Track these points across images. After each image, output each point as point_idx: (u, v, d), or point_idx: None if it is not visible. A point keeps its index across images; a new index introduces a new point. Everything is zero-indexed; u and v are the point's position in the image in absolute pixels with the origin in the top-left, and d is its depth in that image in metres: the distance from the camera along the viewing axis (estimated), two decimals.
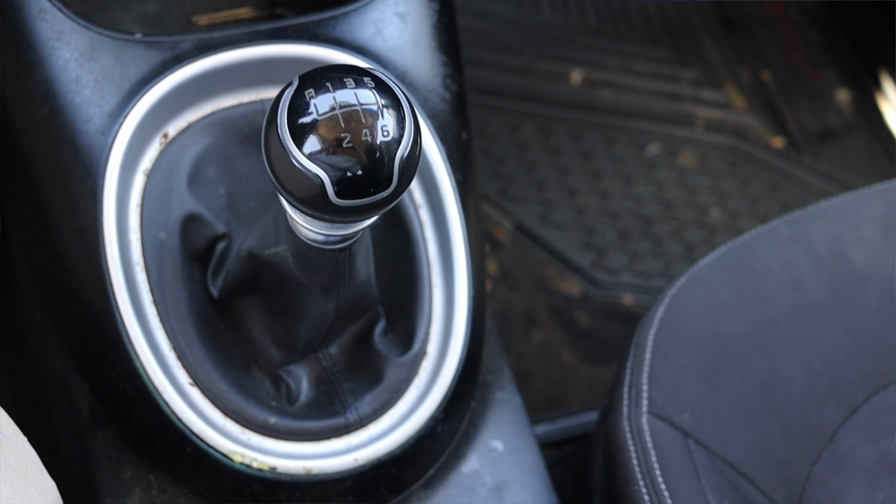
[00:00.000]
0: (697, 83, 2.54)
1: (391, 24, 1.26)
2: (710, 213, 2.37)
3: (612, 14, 2.59)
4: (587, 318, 2.23)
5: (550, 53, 2.51)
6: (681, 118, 2.48)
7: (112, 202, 1.15)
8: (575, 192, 2.34)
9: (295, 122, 0.87)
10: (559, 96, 2.46)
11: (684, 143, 2.45)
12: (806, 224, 1.45)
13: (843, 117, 2.56)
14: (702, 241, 2.33)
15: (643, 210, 2.35)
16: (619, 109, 2.47)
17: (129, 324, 1.14)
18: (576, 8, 2.57)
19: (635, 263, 2.29)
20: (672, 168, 2.42)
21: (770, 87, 2.57)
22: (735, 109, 2.52)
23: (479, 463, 1.29)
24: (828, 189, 2.42)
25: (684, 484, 1.23)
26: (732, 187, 2.41)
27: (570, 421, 1.98)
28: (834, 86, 2.59)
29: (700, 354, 1.33)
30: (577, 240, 2.29)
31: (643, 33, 2.58)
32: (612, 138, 2.43)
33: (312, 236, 1.00)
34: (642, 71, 2.53)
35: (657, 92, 2.51)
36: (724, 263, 1.40)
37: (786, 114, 2.53)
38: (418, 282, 1.24)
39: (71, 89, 1.16)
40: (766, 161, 2.46)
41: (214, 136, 1.21)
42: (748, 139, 2.48)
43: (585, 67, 2.50)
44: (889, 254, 1.43)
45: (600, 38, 2.55)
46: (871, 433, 1.34)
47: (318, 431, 1.18)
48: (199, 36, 1.20)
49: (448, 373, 1.22)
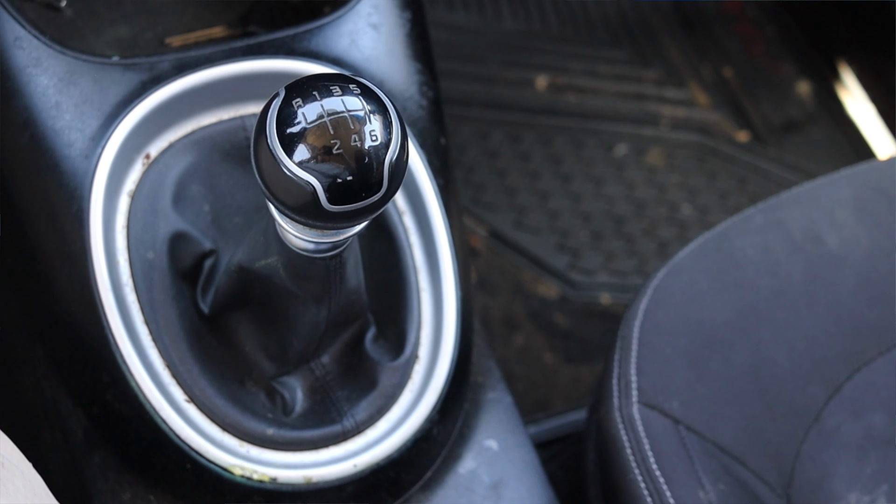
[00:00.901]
0: (660, 83, 2.57)
1: (366, 35, 1.28)
2: (680, 210, 2.40)
3: (574, 19, 2.62)
4: (566, 319, 2.25)
5: (515, 61, 2.54)
6: (646, 118, 2.51)
7: (99, 225, 1.15)
8: (547, 196, 2.37)
9: (284, 132, 0.88)
10: (526, 103, 2.49)
11: (651, 142, 2.48)
12: (780, 210, 1.47)
13: (805, 108, 2.60)
14: (674, 237, 2.36)
15: (615, 210, 2.38)
16: (586, 112, 2.50)
17: (121, 344, 1.15)
18: (537, 15, 2.60)
19: (610, 263, 2.31)
20: (641, 167, 2.45)
21: (732, 82, 2.60)
22: (699, 106, 2.55)
23: (475, 463, 1.31)
24: (794, 179, 2.46)
25: (679, 470, 1.25)
26: (701, 183, 2.45)
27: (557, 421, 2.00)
28: (794, 78, 2.64)
29: (685, 343, 1.35)
30: (552, 243, 2.32)
31: (605, 36, 2.61)
32: (580, 141, 2.46)
33: (303, 245, 1.02)
34: (606, 73, 2.56)
35: (622, 93, 2.54)
36: (702, 253, 1.43)
37: (749, 108, 2.57)
38: (406, 287, 1.26)
39: (51, 115, 1.17)
40: (732, 155, 2.50)
41: (196, 155, 1.23)
42: (713, 135, 2.51)
43: (550, 73, 2.53)
44: (862, 235, 1.46)
45: (563, 44, 2.58)
46: (856, 409, 1.37)
47: (316, 440, 1.19)
48: (177, 56, 1.21)
49: (440, 375, 1.24)
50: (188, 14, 1.39)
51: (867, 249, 1.45)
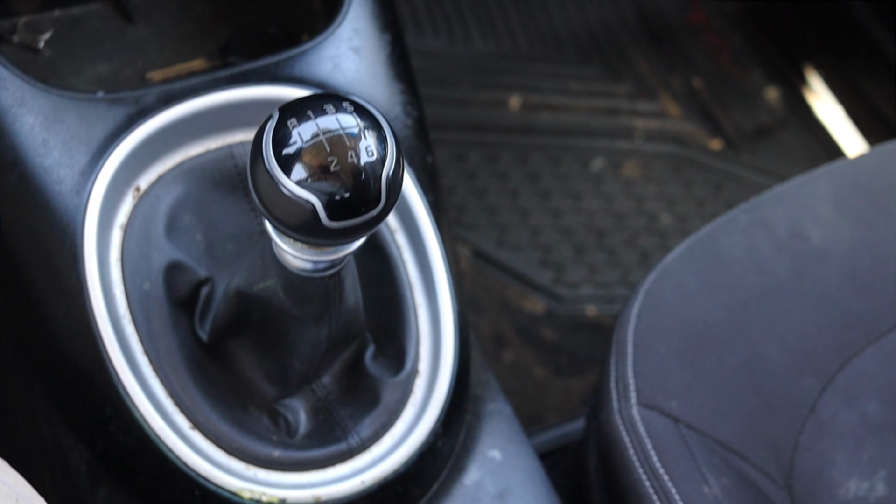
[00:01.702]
0: (632, 96, 2.60)
1: (348, 59, 1.30)
2: (659, 220, 2.43)
3: (542, 38, 2.65)
4: (554, 333, 2.26)
5: (487, 82, 2.56)
6: (620, 131, 2.54)
7: (93, 259, 1.16)
8: (527, 213, 2.39)
9: (281, 152, 0.90)
10: (500, 123, 2.51)
11: (626, 154, 2.51)
12: (763, 210, 1.50)
13: (775, 114, 2.64)
14: (655, 246, 2.38)
15: (595, 223, 2.40)
16: (560, 129, 2.53)
17: (123, 376, 1.15)
18: (507, 36, 2.63)
19: (594, 275, 2.33)
20: (618, 180, 2.48)
21: (702, 92, 2.64)
22: (671, 117, 2.58)
23: (479, 473, 1.32)
24: (768, 183, 2.49)
25: (682, 467, 1.27)
26: (678, 192, 2.47)
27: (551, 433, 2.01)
28: (762, 85, 2.67)
29: (679, 343, 1.37)
30: (535, 259, 2.33)
31: (574, 54, 2.65)
32: (556, 158, 2.48)
33: (301, 265, 1.03)
34: (578, 90, 2.59)
35: (594, 108, 2.57)
36: (690, 255, 1.45)
37: (720, 116, 2.60)
38: (402, 303, 1.27)
39: (39, 153, 1.18)
40: (707, 163, 2.53)
41: (186, 185, 1.24)
42: (687, 144, 2.54)
43: (522, 92, 2.56)
44: (844, 229, 1.49)
45: (533, 63, 2.61)
46: (850, 399, 1.39)
47: (322, 459, 1.20)
48: (162, 88, 1.23)
49: (442, 388, 1.25)
50: (167, 48, 1.41)
51: (850, 243, 1.48)
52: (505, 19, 2.66)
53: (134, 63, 1.39)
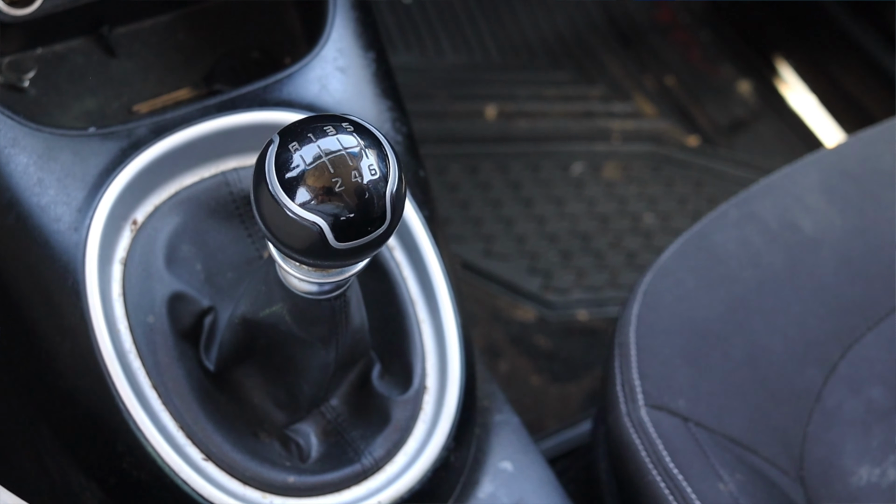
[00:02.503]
0: (606, 98, 2.61)
1: (334, 79, 1.30)
2: (643, 220, 2.44)
3: (514, 47, 2.66)
4: (547, 340, 2.27)
5: (462, 94, 2.57)
6: (597, 134, 2.55)
7: (96, 295, 1.16)
8: (511, 222, 2.39)
9: (284, 176, 0.89)
10: (478, 133, 2.52)
11: (605, 157, 2.52)
12: (752, 203, 1.51)
13: (748, 107, 2.65)
14: (641, 247, 2.39)
15: (580, 227, 2.41)
16: (538, 136, 2.54)
17: (133, 411, 1.15)
18: (478, 47, 2.64)
19: (582, 279, 2.34)
20: (599, 183, 2.49)
21: (675, 90, 2.65)
22: (647, 117, 2.60)
23: (492, 486, 1.32)
24: (748, 176, 2.51)
25: (695, 465, 1.27)
26: (659, 191, 2.48)
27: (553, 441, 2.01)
28: (734, 79, 2.69)
29: (682, 342, 1.37)
30: (523, 267, 2.34)
31: (546, 60, 2.65)
32: (536, 164, 2.49)
33: (307, 288, 1.03)
34: (552, 96, 2.60)
35: (570, 113, 2.58)
36: (684, 253, 1.45)
37: (695, 113, 2.62)
38: (406, 320, 1.27)
39: (35, 192, 1.17)
40: (686, 160, 2.54)
41: (183, 215, 1.23)
42: (664, 142, 2.56)
43: (498, 102, 2.56)
44: (834, 217, 1.50)
45: (507, 72, 2.62)
46: (854, 386, 1.40)
47: (337, 482, 1.20)
48: (153, 120, 1.22)
49: (451, 402, 1.25)
50: (152, 80, 1.40)
51: (842, 230, 1.49)
52: (475, 30, 2.67)
53: (120, 96, 1.38)
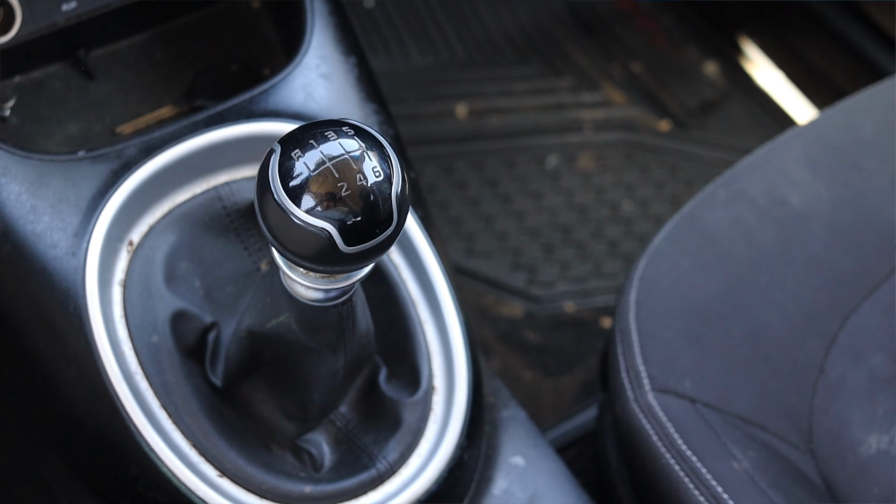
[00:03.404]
0: (575, 89, 2.62)
1: (319, 86, 1.29)
2: (621, 207, 2.44)
3: (479, 44, 2.66)
4: (536, 335, 2.27)
5: (432, 95, 2.57)
6: (569, 125, 2.56)
7: (99, 319, 1.14)
8: (491, 219, 2.39)
9: (289, 184, 0.89)
10: (451, 133, 2.52)
11: (579, 147, 2.53)
12: (739, 181, 1.52)
13: (716, 88, 2.67)
14: (622, 234, 2.40)
15: (560, 220, 2.41)
16: (510, 131, 2.54)
17: (145, 433, 1.14)
18: (444, 47, 2.64)
19: (566, 271, 2.34)
20: (575, 174, 2.49)
21: (642, 76, 2.67)
22: (616, 105, 2.61)
23: (506, 481, 1.31)
24: (722, 157, 2.52)
25: (708, 446, 1.27)
26: (635, 178, 2.49)
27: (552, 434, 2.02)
28: (700, 61, 2.71)
29: (682, 324, 1.38)
30: (507, 263, 2.34)
31: (512, 55, 2.66)
32: (511, 160, 2.49)
33: (314, 295, 1.02)
34: (521, 90, 2.61)
35: (541, 106, 2.59)
36: (677, 236, 1.46)
37: (664, 97, 2.63)
38: (409, 322, 1.27)
39: (29, 220, 1.16)
40: (659, 145, 2.55)
41: (178, 233, 1.22)
42: (636, 129, 2.57)
43: (468, 100, 2.56)
44: (821, 189, 1.51)
45: (474, 70, 2.62)
46: (855, 356, 1.41)
47: (354, 489, 1.19)
48: (142, 139, 1.21)
49: (461, 401, 1.25)
50: (133, 100, 1.39)
51: (829, 202, 1.50)
52: (440, 31, 2.67)
53: (102, 119, 1.37)
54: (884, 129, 1.58)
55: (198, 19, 1.45)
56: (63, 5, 1.30)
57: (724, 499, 1.23)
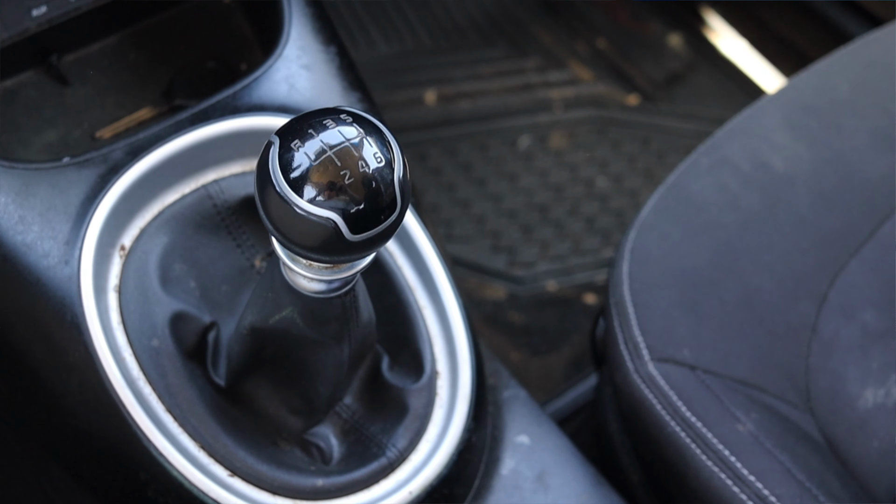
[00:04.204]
0: (542, 68, 2.62)
1: (301, 78, 1.28)
2: (596, 184, 2.45)
3: (444, 30, 2.66)
4: (521, 316, 2.27)
5: (399, 83, 2.56)
6: (539, 105, 2.56)
7: (98, 327, 1.13)
8: (468, 203, 2.39)
9: (291, 176, 0.88)
10: (421, 120, 2.51)
11: (550, 126, 2.53)
12: (721, 148, 1.52)
13: (682, 59, 2.68)
14: (598, 211, 2.41)
15: (536, 200, 2.42)
16: (481, 115, 2.54)
17: (152, 438, 1.13)
18: (408, 34, 2.63)
19: (546, 251, 2.35)
20: (547, 153, 2.50)
21: (608, 52, 2.67)
22: (584, 82, 2.61)
23: (513, 461, 1.32)
24: (692, 127, 2.54)
25: (712, 411, 1.28)
26: (607, 153, 2.50)
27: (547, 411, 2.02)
28: (664, 33, 2.72)
29: (676, 293, 1.39)
30: (486, 246, 2.34)
31: (477, 38, 2.66)
32: (483, 143, 2.49)
33: (317, 287, 1.01)
34: (488, 73, 2.61)
35: (509, 88, 2.59)
36: (664, 206, 1.47)
37: (630, 72, 2.64)
38: (408, 309, 1.26)
39: (18, 230, 1.14)
40: (629, 120, 2.56)
41: (170, 235, 1.21)
42: (605, 105, 2.57)
43: (436, 86, 2.56)
44: (802, 152, 1.52)
45: (440, 55, 2.62)
46: (846, 313, 1.42)
47: (366, 478, 1.19)
48: (127, 141, 1.20)
49: (465, 383, 1.25)
50: (110, 103, 1.38)
51: (811, 164, 1.51)
52: (403, 18, 2.66)
53: (80, 125, 1.36)
54: (859, 88, 1.59)
55: (169, 18, 1.44)
56: (33, 11, 1.28)
57: (732, 462, 1.24)
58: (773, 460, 1.24)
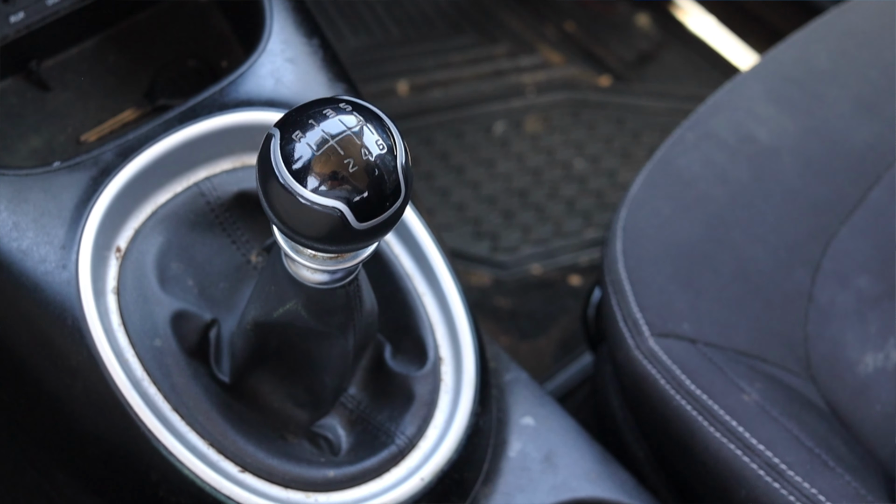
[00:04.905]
0: (512, 54, 2.62)
1: (286, 71, 1.27)
2: (573, 166, 2.46)
3: (412, 20, 2.65)
4: (507, 300, 2.27)
5: (371, 75, 2.55)
6: (512, 90, 2.56)
7: (99, 329, 1.12)
8: (447, 191, 2.39)
9: (294, 167, 0.87)
10: (394, 110, 2.50)
11: (524, 111, 2.53)
12: (705, 123, 1.53)
13: (651, 38, 2.69)
14: (577, 192, 2.41)
15: (515, 185, 2.42)
16: (454, 103, 2.54)
17: (161, 438, 1.12)
18: (376, 26, 2.63)
19: (528, 235, 2.35)
20: (523, 138, 2.50)
21: (577, 35, 2.68)
22: (555, 65, 2.61)
23: (520, 443, 1.32)
24: (666, 105, 2.55)
25: (716, 383, 1.29)
26: (583, 135, 2.51)
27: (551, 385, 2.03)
28: (631, 13, 2.72)
29: (671, 268, 1.39)
30: (468, 233, 2.34)
31: (446, 27, 2.65)
32: (459, 131, 2.49)
33: (321, 278, 1.01)
34: (459, 61, 2.60)
35: (481, 75, 2.59)
36: (653, 183, 1.47)
37: (600, 53, 2.64)
38: (408, 296, 1.26)
39: (13, 237, 1.13)
40: (602, 101, 2.57)
41: (165, 234, 1.20)
42: (578, 88, 2.58)
43: (408, 76, 2.56)
44: (786, 122, 1.53)
45: (410, 46, 2.61)
46: (841, 279, 1.43)
47: (377, 467, 1.18)
48: (117, 143, 1.19)
49: (470, 368, 1.25)
50: (92, 107, 1.36)
51: (796, 134, 1.52)
52: (371, 10, 2.65)
53: (64, 129, 1.34)
54: (838, 57, 1.60)
55: (147, 19, 1.42)
56: (11, 17, 1.27)
57: (740, 432, 1.25)
58: (780, 428, 1.25)
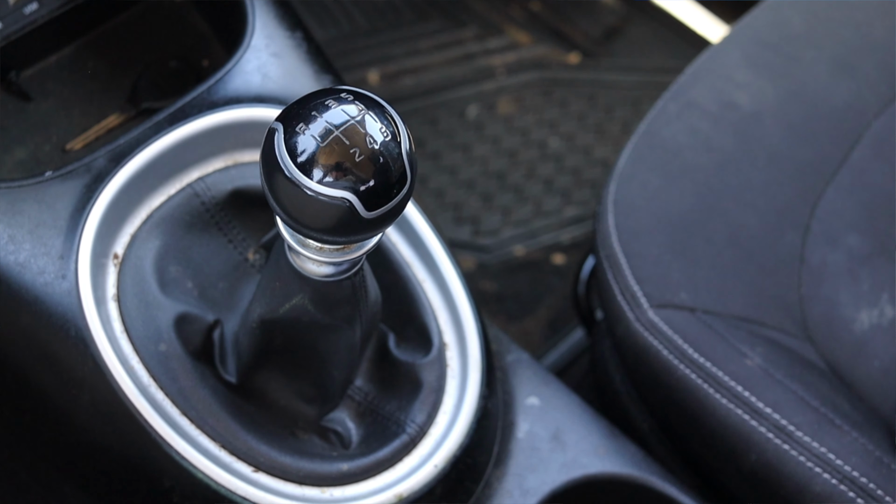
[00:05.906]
0: (480, 37, 2.62)
1: (272, 66, 1.27)
2: (549, 145, 2.46)
3: (378, 9, 2.64)
4: (492, 283, 2.28)
5: (341, 66, 2.51)
6: (482, 73, 2.56)
7: (103, 338, 1.11)
8: (425, 179, 2.39)
9: (299, 159, 0.87)
10: None
11: (496, 94, 2.53)
12: (686, 93, 1.54)
13: (617, 13, 2.70)
14: (554, 171, 2.42)
15: (492, 168, 2.42)
16: (426, 89, 2.53)
17: (172, 443, 1.11)
18: (343, 17, 2.62)
19: (509, 216, 2.35)
20: (497, 120, 2.50)
21: (542, 14, 2.68)
22: (523, 46, 2.62)
23: (527, 423, 1.32)
24: (637, 79, 2.56)
25: (718, 350, 1.30)
26: (556, 114, 2.51)
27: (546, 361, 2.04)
28: None
29: (665, 239, 1.40)
30: (449, 219, 2.34)
31: (412, 14, 2.65)
32: (432, 117, 2.48)
33: (326, 271, 1.00)
34: (428, 47, 2.60)
35: (450, 60, 2.58)
36: (639, 155, 1.47)
37: (567, 31, 2.65)
38: (408, 284, 1.26)
39: (10, 250, 1.12)
40: (573, 78, 2.57)
41: (161, 238, 1.19)
42: (548, 67, 2.58)
43: (377, 65, 2.55)
44: (766, 87, 1.54)
45: (377, 35, 2.61)
46: (830, 240, 1.44)
47: (389, 457, 1.19)
48: (108, 148, 1.18)
49: (475, 352, 1.25)
50: (75, 114, 1.35)
51: (776, 98, 1.53)
52: (337, 1, 2.64)
53: (49, 139, 1.33)
54: (812, 19, 1.61)
55: (124, 22, 1.41)
56: None
57: (746, 396, 1.26)
58: (785, 390, 1.26)
